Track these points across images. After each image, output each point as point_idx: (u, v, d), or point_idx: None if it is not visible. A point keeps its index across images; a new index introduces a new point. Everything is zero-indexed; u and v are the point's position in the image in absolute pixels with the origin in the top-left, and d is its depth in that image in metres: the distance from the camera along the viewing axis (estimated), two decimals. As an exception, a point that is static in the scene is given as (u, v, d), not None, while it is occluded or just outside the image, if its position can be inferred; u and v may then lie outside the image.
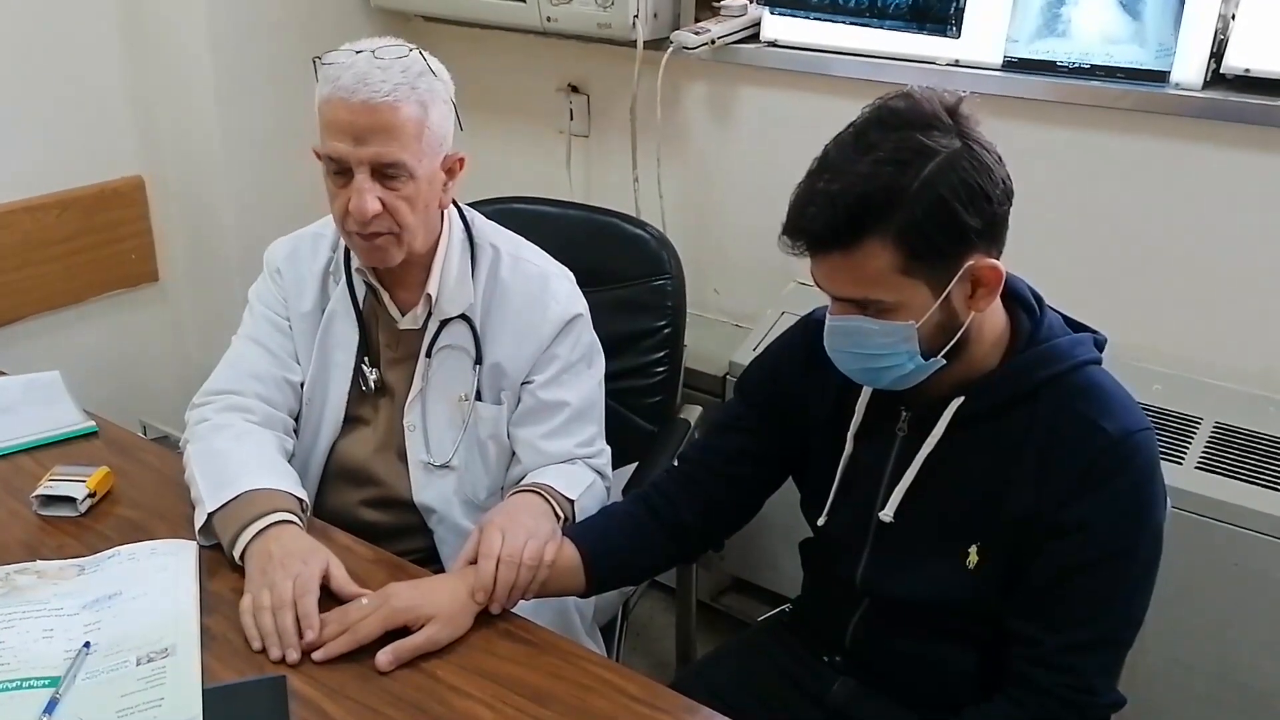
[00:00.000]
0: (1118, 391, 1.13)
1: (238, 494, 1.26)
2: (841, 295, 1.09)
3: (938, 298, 1.06)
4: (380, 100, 1.26)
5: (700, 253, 2.29)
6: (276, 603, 1.14)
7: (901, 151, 1.02)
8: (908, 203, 1.01)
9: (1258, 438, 1.72)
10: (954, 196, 1.02)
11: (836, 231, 1.04)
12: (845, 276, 1.07)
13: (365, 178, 1.28)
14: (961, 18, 1.91)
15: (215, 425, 1.38)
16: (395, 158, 1.28)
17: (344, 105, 1.26)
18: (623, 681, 1.12)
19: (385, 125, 1.27)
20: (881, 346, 1.09)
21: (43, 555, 1.28)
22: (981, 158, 1.04)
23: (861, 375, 1.15)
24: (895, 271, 1.04)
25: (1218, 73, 1.73)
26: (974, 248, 1.05)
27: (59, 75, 2.17)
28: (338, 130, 1.28)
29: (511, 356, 1.44)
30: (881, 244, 1.03)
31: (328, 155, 1.30)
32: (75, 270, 2.28)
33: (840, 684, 1.31)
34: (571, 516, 1.36)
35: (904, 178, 1.01)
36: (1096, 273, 1.90)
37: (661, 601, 2.30)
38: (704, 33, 2.08)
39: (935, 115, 1.04)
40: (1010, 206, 1.08)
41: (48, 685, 1.07)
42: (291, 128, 2.32)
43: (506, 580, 1.19)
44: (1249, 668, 1.70)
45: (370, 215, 1.29)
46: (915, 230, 1.02)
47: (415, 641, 1.14)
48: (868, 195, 1.02)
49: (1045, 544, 1.10)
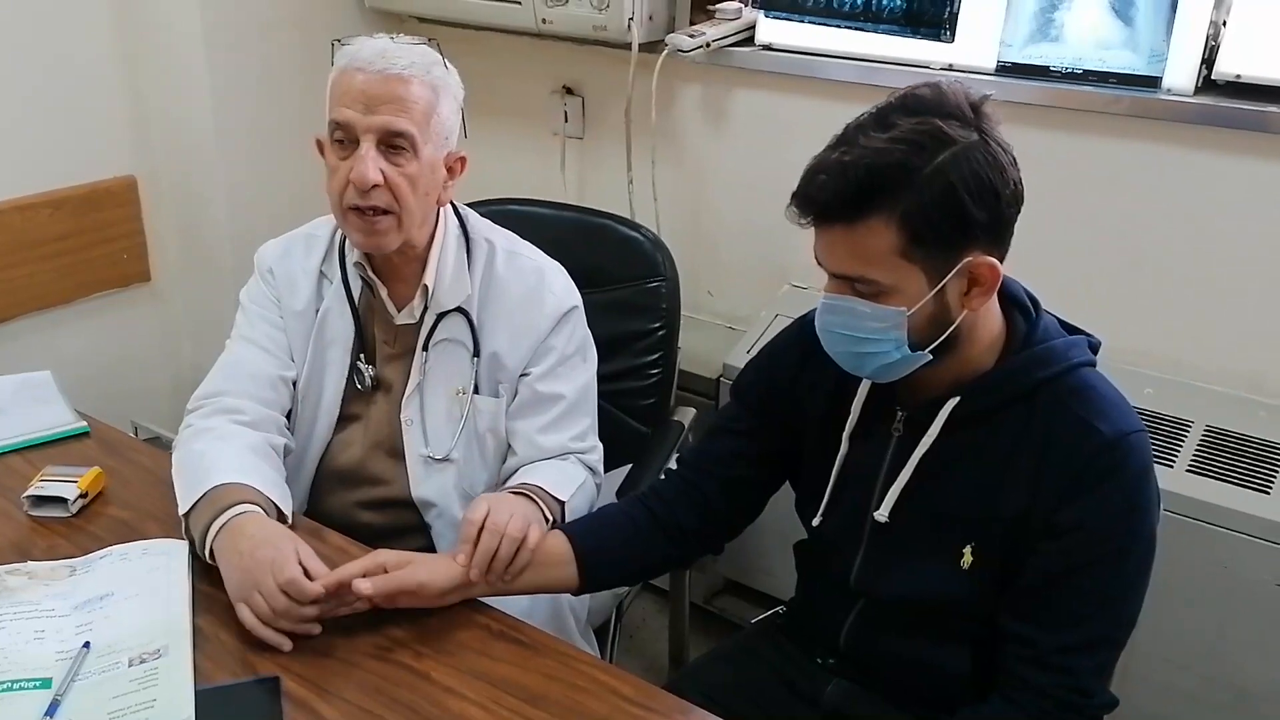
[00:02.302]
0: (1112, 394, 1.13)
1: (204, 492, 1.25)
2: (838, 271, 1.09)
3: (932, 288, 1.06)
4: (395, 72, 1.30)
5: (694, 255, 2.30)
6: (272, 604, 1.14)
7: (919, 135, 1.02)
8: (917, 185, 1.02)
9: (1248, 441, 1.73)
10: (963, 187, 1.02)
11: (843, 201, 1.04)
12: (845, 251, 1.07)
13: (370, 147, 1.30)
14: (955, 22, 1.92)
15: (198, 430, 1.37)
16: (403, 128, 1.30)
17: (359, 74, 1.30)
18: (616, 683, 1.12)
19: (397, 96, 1.29)
20: (871, 330, 1.09)
21: (34, 556, 1.27)
22: (997, 155, 1.05)
23: (847, 359, 1.15)
24: (894, 253, 1.05)
25: (1209, 78, 1.74)
26: (976, 243, 1.06)
27: (51, 74, 2.16)
28: (350, 98, 1.30)
29: (509, 348, 1.45)
30: (885, 222, 1.03)
31: (335, 121, 1.31)
32: (67, 270, 2.27)
33: (834, 685, 1.31)
34: (561, 517, 1.36)
35: (918, 160, 1.02)
36: (1088, 276, 1.91)
37: (655, 603, 2.30)
38: (699, 36, 2.08)
39: (958, 107, 1.05)
40: (1018, 211, 1.09)
41: (40, 687, 1.06)
42: (286, 128, 2.32)
43: (488, 547, 1.20)
44: (1239, 669, 1.71)
45: (370, 183, 1.29)
46: (920, 214, 1.03)
47: (398, 574, 1.16)
48: (879, 170, 1.02)
49: (1040, 544, 1.11)
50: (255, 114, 2.33)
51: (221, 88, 2.27)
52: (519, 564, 1.22)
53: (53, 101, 2.17)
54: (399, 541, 1.45)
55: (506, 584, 1.23)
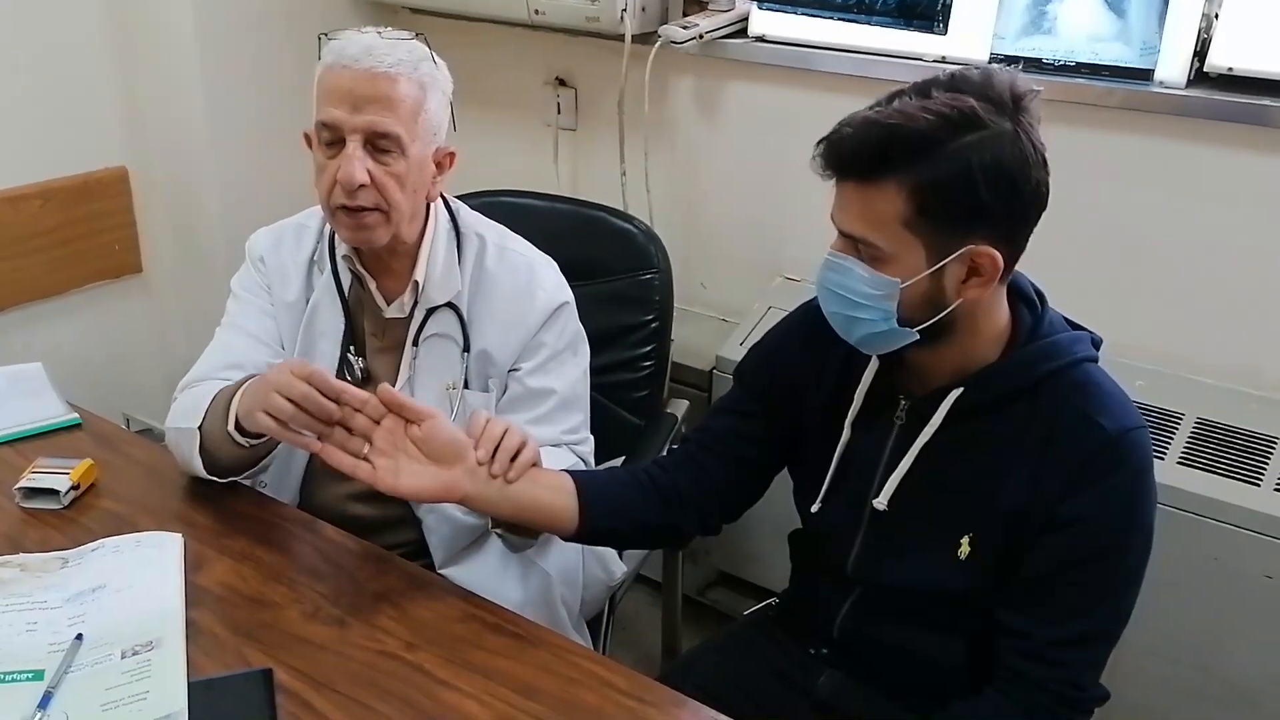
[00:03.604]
0: (1115, 390, 1.13)
1: (211, 400, 1.31)
2: (846, 229, 1.09)
3: (930, 266, 1.06)
4: (381, 71, 1.28)
5: (687, 247, 2.30)
6: (289, 393, 1.16)
7: (953, 111, 1.02)
8: (936, 158, 1.02)
9: (1239, 433, 1.73)
10: (981, 171, 1.02)
11: (861, 158, 1.04)
12: (855, 210, 1.07)
13: (357, 146, 1.29)
14: (948, 14, 1.91)
15: (182, 401, 1.39)
16: (389, 128, 1.29)
17: (346, 72, 1.28)
18: (610, 675, 1.12)
19: (384, 95, 1.28)
20: (864, 296, 1.09)
21: (26, 548, 1.27)
22: (1025, 150, 1.04)
23: (838, 321, 1.15)
24: (899, 221, 1.05)
25: (1201, 71, 1.74)
26: (982, 231, 1.06)
27: (42, 64, 2.15)
28: (336, 97, 1.29)
29: (499, 344, 1.45)
30: (898, 188, 1.03)
31: (321, 122, 1.30)
32: (58, 262, 2.26)
33: (827, 676, 1.31)
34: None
35: (944, 134, 1.02)
36: (1080, 269, 1.91)
37: (647, 595, 2.30)
38: (692, 27, 2.08)
39: (1000, 95, 1.04)
40: (1037, 213, 1.08)
41: (32, 679, 1.06)
42: (278, 119, 2.31)
43: (495, 429, 1.21)
44: (1230, 661, 1.71)
45: (357, 184, 1.29)
46: (932, 188, 1.03)
47: (414, 403, 1.20)
48: (903, 134, 1.02)
49: (1039, 538, 1.11)
50: (247, 105, 2.32)
51: (213, 78, 2.26)
52: (524, 457, 1.22)
53: (43, 92, 2.16)
54: (391, 534, 1.45)
55: (509, 481, 1.21)
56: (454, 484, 1.19)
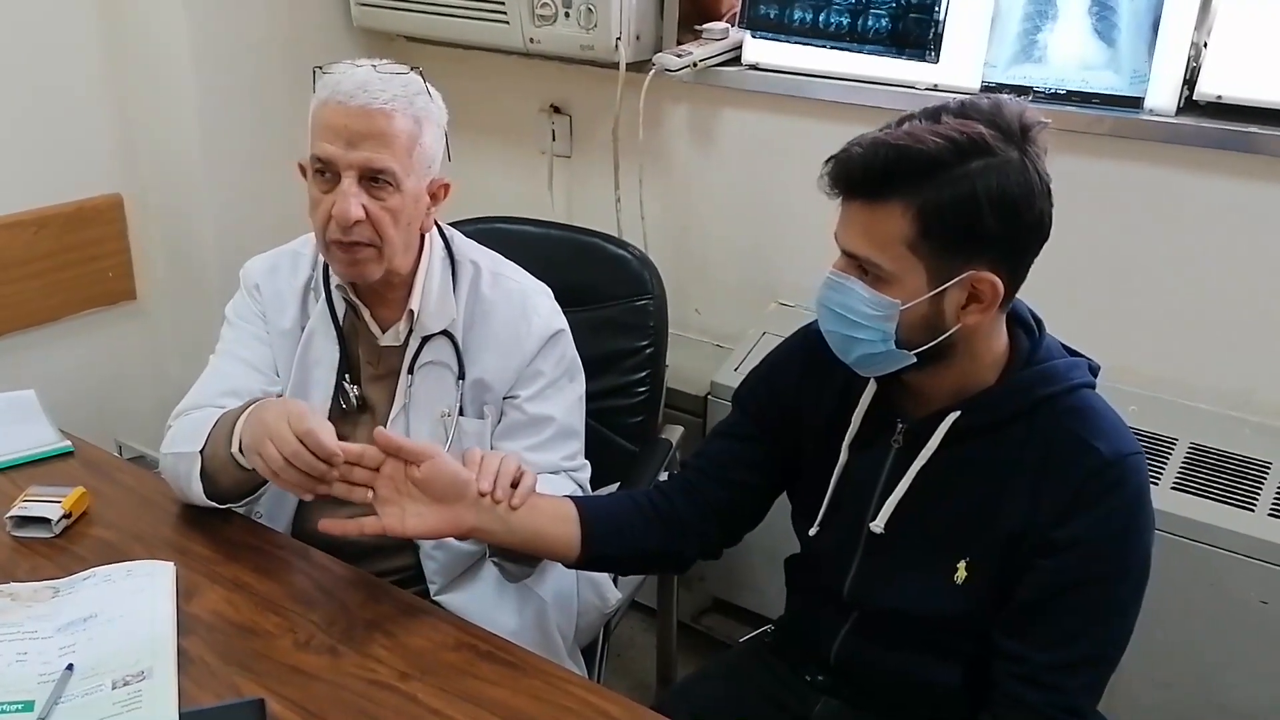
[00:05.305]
0: (1112, 415, 1.14)
1: (213, 425, 1.30)
2: (849, 249, 1.10)
3: (931, 289, 1.07)
4: (377, 107, 1.28)
5: (682, 273, 2.30)
6: (282, 448, 1.16)
7: (962, 137, 1.03)
8: (943, 182, 1.03)
9: (1232, 458, 1.74)
10: (986, 197, 1.03)
11: (868, 176, 1.05)
12: (859, 229, 1.08)
13: (352, 183, 1.29)
14: (940, 43, 1.93)
15: (179, 427, 1.38)
16: (385, 164, 1.29)
17: (341, 109, 1.28)
18: (605, 703, 1.12)
19: (379, 131, 1.28)
20: (863, 316, 1.09)
21: (17, 577, 1.26)
22: (1030, 179, 1.05)
23: (836, 340, 1.15)
24: (903, 243, 1.05)
25: (1191, 99, 1.76)
26: (984, 256, 1.06)
27: (37, 91, 2.15)
28: (331, 133, 1.28)
29: (495, 371, 1.45)
30: (903, 210, 1.04)
31: (316, 157, 1.30)
32: (52, 288, 2.26)
33: (823, 704, 1.31)
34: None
35: (951, 158, 1.03)
36: (1072, 295, 1.92)
37: (642, 622, 2.29)
38: (686, 55, 2.10)
39: (1009, 124, 1.06)
40: (1039, 243, 1.09)
41: (22, 710, 1.05)
42: (273, 147, 2.32)
43: (491, 462, 1.22)
44: (1225, 686, 1.71)
45: (352, 220, 1.29)
46: (936, 211, 1.03)
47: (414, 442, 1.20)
48: (910, 156, 1.03)
49: (1036, 561, 1.11)
50: (242, 132, 2.32)
51: (208, 106, 2.27)
52: (525, 483, 1.22)
53: (38, 119, 2.17)
54: (387, 559, 1.45)
55: (514, 507, 1.21)
56: (459, 519, 1.20)
